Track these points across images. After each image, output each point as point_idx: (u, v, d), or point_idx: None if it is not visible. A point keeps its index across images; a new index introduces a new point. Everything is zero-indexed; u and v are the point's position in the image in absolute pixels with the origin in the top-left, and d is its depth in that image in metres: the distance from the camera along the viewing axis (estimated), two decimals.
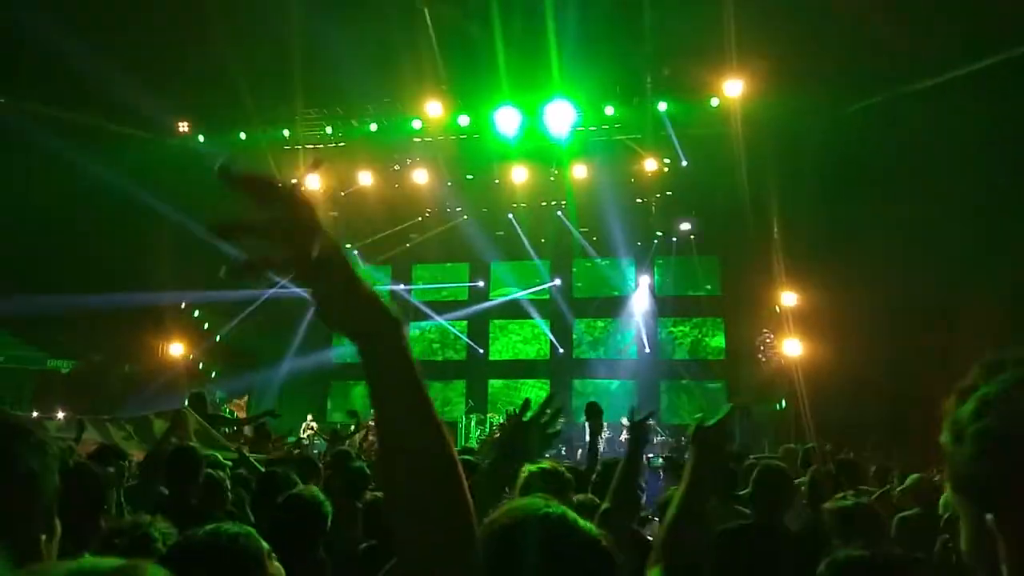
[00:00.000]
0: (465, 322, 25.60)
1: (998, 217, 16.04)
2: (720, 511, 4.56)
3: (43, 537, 1.40)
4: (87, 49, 16.24)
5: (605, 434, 18.56)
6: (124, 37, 16.81)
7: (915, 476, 5.92)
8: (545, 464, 3.33)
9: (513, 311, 25.39)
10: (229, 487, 5.06)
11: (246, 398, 17.24)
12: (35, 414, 15.18)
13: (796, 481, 5.52)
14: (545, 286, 24.97)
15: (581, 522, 1.41)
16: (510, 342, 25.72)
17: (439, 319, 25.22)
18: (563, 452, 18.66)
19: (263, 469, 6.54)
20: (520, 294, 24.78)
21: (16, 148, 17.82)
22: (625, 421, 18.81)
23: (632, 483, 3.08)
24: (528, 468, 3.25)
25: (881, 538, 3.28)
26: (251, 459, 7.13)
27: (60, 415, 12.78)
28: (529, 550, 1.34)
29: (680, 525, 2.17)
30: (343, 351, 25.36)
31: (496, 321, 25.61)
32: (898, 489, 5.70)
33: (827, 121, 17.55)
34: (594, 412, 6.10)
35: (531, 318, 25.12)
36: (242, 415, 14.61)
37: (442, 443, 1.19)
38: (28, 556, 1.35)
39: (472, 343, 25.41)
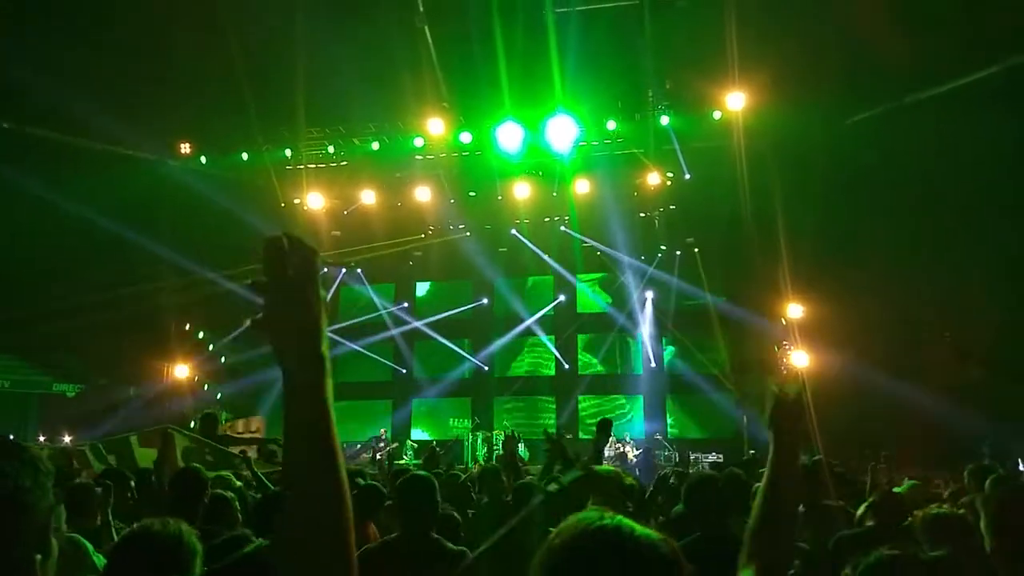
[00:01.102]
0: (470, 340, 25.49)
1: (1002, 227, 16.02)
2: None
3: (38, 557, 1.36)
4: (88, 71, 16.30)
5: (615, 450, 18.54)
6: (125, 59, 16.85)
7: (910, 483, 5.84)
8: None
9: (518, 328, 25.33)
10: (239, 506, 4.99)
11: (261, 418, 17.15)
12: (42, 438, 15.15)
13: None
14: (550, 307, 24.96)
15: (639, 528, 1.37)
16: (516, 359, 25.61)
17: (445, 341, 25.19)
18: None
19: (271, 487, 6.48)
20: (528, 321, 24.74)
21: (18, 171, 17.85)
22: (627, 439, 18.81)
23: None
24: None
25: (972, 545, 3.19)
26: (261, 476, 7.07)
27: (67, 439, 12.70)
28: (588, 563, 1.31)
29: (770, 519, 1.97)
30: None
31: (499, 339, 25.50)
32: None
33: (829, 133, 17.56)
34: (603, 427, 6.22)
35: (536, 335, 25.05)
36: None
37: (338, 495, 1.28)
38: (22, 574, 1.31)
39: (479, 362, 25.31)
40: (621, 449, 18.83)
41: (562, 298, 24.87)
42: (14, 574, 1.31)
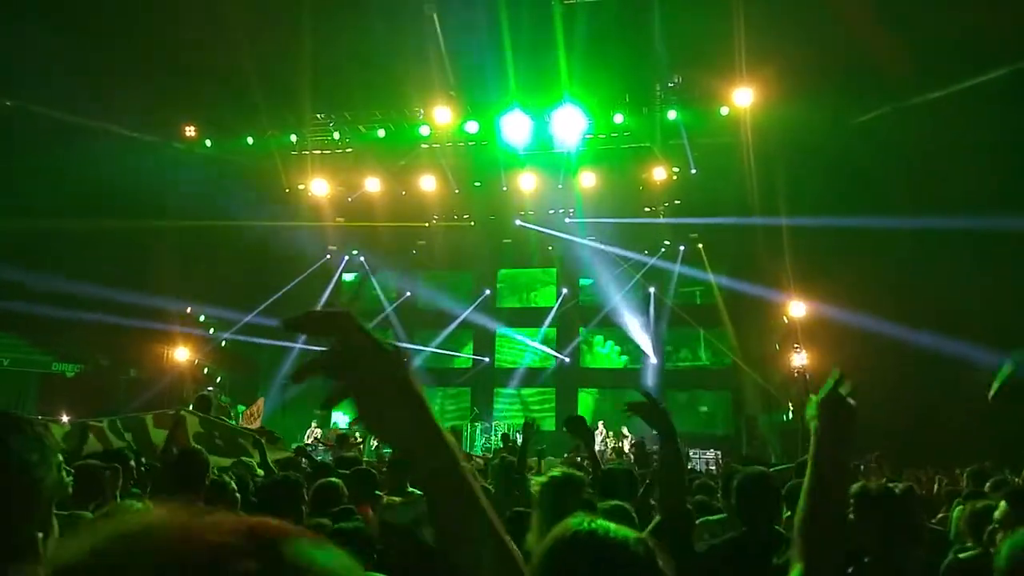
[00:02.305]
0: (471, 330, 25.47)
1: (1007, 228, 15.94)
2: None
3: (40, 535, 1.35)
4: (95, 54, 16.29)
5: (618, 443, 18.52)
6: (133, 42, 16.84)
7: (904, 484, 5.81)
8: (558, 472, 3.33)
9: (521, 320, 25.32)
10: (236, 489, 4.99)
11: (261, 400, 17.11)
12: (39, 416, 15.14)
13: None
14: (559, 302, 24.97)
15: (614, 530, 1.43)
16: (518, 351, 25.58)
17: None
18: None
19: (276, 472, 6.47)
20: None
21: (23, 151, 17.85)
22: (625, 433, 18.77)
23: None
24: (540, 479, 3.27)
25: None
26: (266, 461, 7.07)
27: (64, 418, 12.70)
28: (567, 567, 1.40)
29: (819, 514, 1.89)
30: None
31: (501, 330, 25.49)
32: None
33: (836, 131, 17.50)
34: (575, 426, 6.33)
35: (537, 327, 25.06)
36: (257, 420, 14.46)
37: (496, 539, 1.23)
38: (26, 551, 1.31)
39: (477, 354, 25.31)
40: (618, 444, 18.76)
41: (564, 291, 24.83)
42: (19, 550, 1.29)
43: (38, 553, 1.34)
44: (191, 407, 8.35)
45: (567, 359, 24.54)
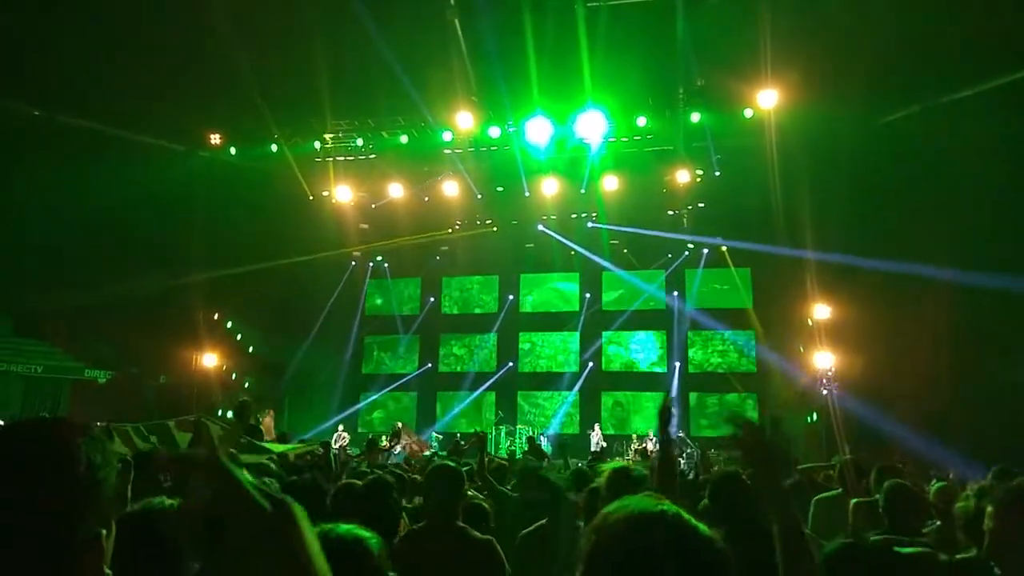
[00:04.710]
0: (495, 335, 25.53)
1: None
2: None
3: (104, 532, 1.42)
4: (120, 62, 16.48)
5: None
6: (157, 50, 17.01)
7: (938, 484, 5.79)
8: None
9: (543, 324, 25.38)
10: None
11: (270, 418, 17.25)
12: (97, 424, 15.36)
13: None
14: (583, 306, 24.96)
15: (695, 521, 1.37)
16: (542, 355, 25.60)
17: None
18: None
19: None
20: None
21: (51, 160, 18.09)
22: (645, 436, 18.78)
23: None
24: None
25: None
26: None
27: (98, 424, 12.85)
28: (652, 548, 1.31)
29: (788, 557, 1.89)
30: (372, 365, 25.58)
31: (525, 334, 25.53)
32: None
33: (861, 132, 17.38)
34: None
35: (561, 331, 25.10)
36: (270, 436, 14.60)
37: None
38: (90, 549, 1.37)
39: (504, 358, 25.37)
40: (643, 446, 18.78)
41: (588, 295, 24.83)
42: (85, 547, 1.35)
43: (102, 549, 1.41)
44: (220, 413, 8.44)
45: (591, 363, 24.54)
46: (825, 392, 18.16)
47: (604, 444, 19.88)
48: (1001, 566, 2.49)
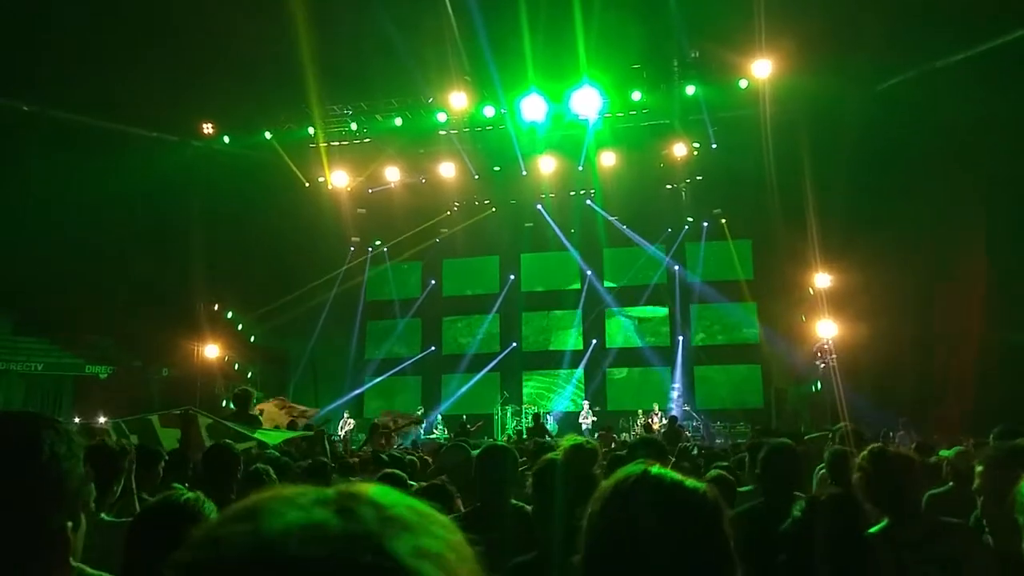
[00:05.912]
0: (498, 316, 25.50)
1: None
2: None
3: (69, 524, 1.44)
4: (109, 54, 16.35)
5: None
6: (147, 40, 16.87)
7: (957, 448, 5.76)
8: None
9: (545, 303, 25.36)
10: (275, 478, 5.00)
11: (274, 400, 17.21)
12: (77, 420, 15.37)
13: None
14: (583, 285, 24.89)
15: (680, 476, 1.46)
16: (545, 334, 25.58)
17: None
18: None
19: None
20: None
21: (44, 155, 18.00)
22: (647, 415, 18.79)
23: None
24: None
25: None
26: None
27: (102, 419, 12.87)
28: (636, 502, 1.40)
29: None
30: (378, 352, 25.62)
31: (527, 314, 25.50)
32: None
33: (858, 99, 17.28)
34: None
35: (563, 310, 25.09)
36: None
37: None
38: (55, 540, 1.40)
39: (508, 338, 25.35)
40: (648, 420, 18.82)
41: (589, 273, 24.77)
42: (51, 539, 1.39)
43: (68, 541, 1.44)
44: (231, 403, 8.40)
45: (594, 340, 24.53)
46: (822, 365, 18.15)
47: (594, 419, 19.95)
48: (990, 526, 2.50)
